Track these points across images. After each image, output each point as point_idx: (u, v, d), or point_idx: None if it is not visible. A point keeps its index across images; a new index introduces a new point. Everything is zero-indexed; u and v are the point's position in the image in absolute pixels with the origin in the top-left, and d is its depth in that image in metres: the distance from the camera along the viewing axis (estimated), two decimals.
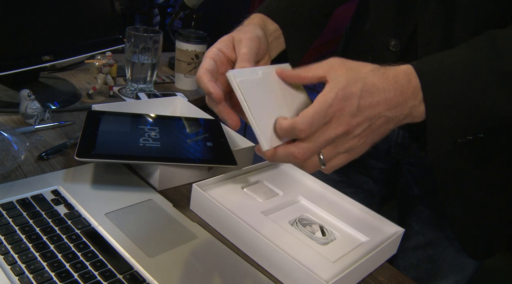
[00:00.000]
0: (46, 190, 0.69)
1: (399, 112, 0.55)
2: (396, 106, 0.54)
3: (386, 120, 0.55)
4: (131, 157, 0.74)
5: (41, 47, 0.99)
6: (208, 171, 0.82)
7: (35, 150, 0.81)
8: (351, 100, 0.51)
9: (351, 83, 0.52)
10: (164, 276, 0.57)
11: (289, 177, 0.85)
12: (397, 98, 0.54)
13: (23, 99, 0.89)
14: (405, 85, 0.54)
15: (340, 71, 0.53)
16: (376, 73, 0.54)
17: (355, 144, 0.54)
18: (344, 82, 0.52)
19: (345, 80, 0.52)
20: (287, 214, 0.73)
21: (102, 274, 0.55)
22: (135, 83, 1.19)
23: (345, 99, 0.51)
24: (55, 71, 1.24)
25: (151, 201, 0.72)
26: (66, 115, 0.99)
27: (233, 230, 0.68)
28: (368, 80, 0.53)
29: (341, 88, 0.51)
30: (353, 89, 0.52)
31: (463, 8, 0.67)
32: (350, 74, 0.53)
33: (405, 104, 0.55)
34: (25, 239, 0.59)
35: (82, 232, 0.62)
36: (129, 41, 1.14)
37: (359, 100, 0.52)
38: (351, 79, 0.52)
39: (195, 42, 1.27)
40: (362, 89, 0.52)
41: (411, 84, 0.55)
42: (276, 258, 0.62)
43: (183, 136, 0.85)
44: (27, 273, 0.53)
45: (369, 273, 0.68)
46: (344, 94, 0.51)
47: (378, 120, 0.54)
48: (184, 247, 0.63)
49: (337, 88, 0.51)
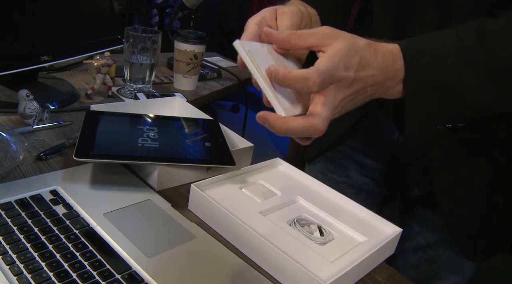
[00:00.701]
0: (45, 190, 0.69)
1: (376, 90, 0.56)
2: (377, 84, 0.56)
3: (365, 95, 0.56)
4: (130, 157, 0.75)
5: (40, 47, 0.99)
6: (207, 171, 0.82)
7: (34, 150, 0.81)
8: (350, 71, 0.52)
9: (351, 55, 0.52)
10: (162, 276, 0.57)
11: (287, 177, 0.85)
12: (380, 77, 0.55)
13: (21, 99, 0.89)
14: (389, 66, 0.56)
15: (338, 40, 0.52)
16: (369, 48, 0.55)
17: (337, 112, 0.55)
18: (345, 52, 0.52)
19: (346, 50, 0.52)
20: (286, 214, 0.74)
21: (101, 274, 0.55)
22: (133, 84, 1.19)
23: (346, 69, 0.52)
24: (54, 71, 1.24)
25: (150, 201, 0.72)
26: (64, 115, 0.99)
27: (232, 230, 0.68)
28: (364, 54, 0.53)
29: (343, 58, 0.51)
30: (352, 61, 0.52)
31: (459, 10, 0.67)
32: (349, 45, 0.52)
33: (384, 84, 0.56)
34: (23, 239, 0.59)
35: (80, 232, 0.62)
36: (127, 41, 1.14)
37: (355, 72, 0.53)
38: (351, 50, 0.52)
39: (194, 42, 1.27)
40: (359, 63, 0.53)
41: (395, 65, 0.56)
42: (274, 258, 0.62)
43: (181, 136, 0.85)
44: (26, 273, 0.53)
45: (367, 273, 0.68)
46: (345, 64, 0.52)
47: (361, 94, 0.55)
48: (182, 247, 0.63)
49: (340, 56, 0.51)
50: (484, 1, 0.67)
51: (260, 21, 0.61)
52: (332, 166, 1.01)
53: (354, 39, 0.54)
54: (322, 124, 0.52)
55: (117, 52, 1.22)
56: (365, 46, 0.54)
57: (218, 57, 1.73)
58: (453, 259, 0.88)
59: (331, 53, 0.51)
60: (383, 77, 0.56)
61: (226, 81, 1.49)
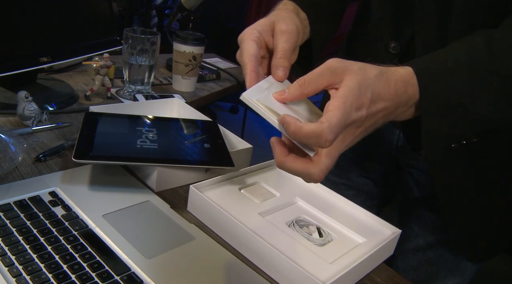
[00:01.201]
0: (44, 191, 0.69)
1: (387, 118, 0.55)
2: (388, 114, 0.55)
3: (376, 126, 0.55)
4: (129, 158, 0.75)
5: (39, 49, 0.99)
6: (206, 172, 0.82)
7: (33, 152, 0.81)
8: (362, 110, 0.51)
9: (362, 92, 0.51)
10: (161, 277, 0.57)
11: (286, 179, 0.85)
12: (392, 107, 0.54)
13: (20, 101, 0.89)
14: (402, 94, 0.54)
15: (348, 76, 0.51)
16: (381, 79, 0.53)
17: (343, 149, 0.54)
18: (357, 91, 0.50)
19: (357, 89, 0.50)
20: (284, 216, 0.74)
21: (100, 275, 0.55)
22: (132, 85, 1.19)
23: (358, 109, 0.51)
24: (53, 72, 1.24)
25: (149, 202, 0.72)
26: (63, 117, 0.99)
27: (231, 231, 0.68)
28: (375, 88, 0.52)
29: (355, 99, 0.50)
30: (364, 99, 0.51)
31: (459, 10, 0.67)
32: (360, 81, 0.51)
33: (396, 111, 0.55)
34: (22, 240, 0.59)
35: (79, 233, 0.62)
36: (126, 43, 1.14)
37: (367, 110, 0.51)
38: (362, 86, 0.51)
39: (193, 43, 1.27)
40: (371, 99, 0.51)
41: (407, 92, 0.55)
42: (273, 259, 0.62)
43: (180, 138, 0.86)
44: (25, 275, 0.53)
45: (366, 274, 0.68)
46: (357, 105, 0.50)
47: (371, 126, 0.54)
48: (181, 248, 0.63)
49: (352, 99, 0.50)
50: (484, 1, 0.67)
51: (258, 38, 0.60)
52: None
53: (364, 71, 0.52)
54: (318, 175, 0.51)
55: (116, 53, 1.22)
56: (376, 77, 0.52)
57: (217, 58, 1.73)
58: (453, 260, 0.88)
59: (342, 96, 0.49)
60: (395, 106, 0.54)
61: (225, 82, 1.49)
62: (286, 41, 0.60)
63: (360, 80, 0.51)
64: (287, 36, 0.61)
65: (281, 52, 0.59)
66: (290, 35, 0.61)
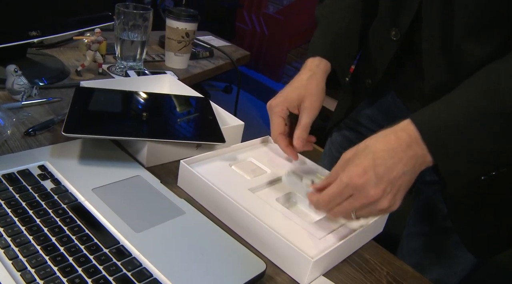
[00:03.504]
0: (33, 165, 0.69)
1: (413, 163, 0.59)
2: (409, 159, 0.58)
3: (406, 175, 0.59)
4: (119, 133, 0.74)
5: (28, 23, 0.97)
6: (197, 148, 0.82)
7: (22, 126, 0.81)
8: (368, 173, 0.57)
9: (361, 157, 0.58)
10: (150, 250, 0.57)
11: (277, 155, 0.85)
12: (405, 151, 0.58)
13: (9, 75, 0.88)
14: (407, 139, 0.59)
15: (348, 151, 0.61)
16: (378, 139, 0.59)
17: (388, 204, 0.59)
18: (354, 155, 0.59)
19: (355, 153, 0.59)
20: (275, 192, 0.74)
21: (88, 248, 0.55)
22: (124, 61, 1.18)
23: (361, 176, 0.57)
24: (44, 47, 1.23)
25: (139, 177, 0.72)
26: (54, 92, 0.98)
27: (221, 206, 0.68)
28: (376, 148, 0.58)
29: (354, 166, 0.58)
30: (365, 162, 0.57)
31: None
32: (358, 147, 0.60)
33: (416, 155, 0.59)
34: (11, 213, 0.58)
35: (68, 206, 0.62)
36: (118, 18, 1.13)
37: (374, 170, 0.57)
38: (360, 151, 0.58)
39: (186, 20, 1.25)
40: (374, 159, 0.57)
41: (412, 136, 0.59)
42: (263, 235, 0.63)
43: (172, 114, 0.85)
44: (13, 246, 0.53)
45: (355, 250, 0.69)
46: (358, 171, 0.57)
47: (400, 179, 0.58)
48: (171, 222, 0.63)
49: (349, 167, 0.58)
50: None
51: (286, 115, 0.79)
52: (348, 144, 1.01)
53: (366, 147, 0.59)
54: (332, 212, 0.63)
55: (108, 30, 1.20)
56: (374, 139, 0.60)
57: (210, 36, 1.72)
58: (455, 248, 0.88)
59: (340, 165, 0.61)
60: (409, 150, 0.59)
61: (218, 60, 1.48)
62: (308, 117, 0.77)
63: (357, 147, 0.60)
64: (310, 114, 0.77)
65: (303, 126, 0.76)
66: (313, 111, 0.77)
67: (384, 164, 0.57)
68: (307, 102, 0.77)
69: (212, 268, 0.57)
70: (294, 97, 0.78)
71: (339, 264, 0.65)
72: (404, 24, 0.76)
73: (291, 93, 0.78)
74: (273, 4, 4.07)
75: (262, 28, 4.21)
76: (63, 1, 1.06)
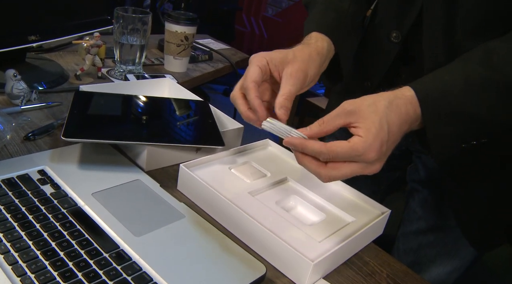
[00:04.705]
0: (32, 170, 0.69)
1: (402, 136, 0.61)
2: (407, 130, 0.61)
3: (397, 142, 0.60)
4: (119, 137, 0.74)
5: (27, 27, 0.97)
6: (196, 152, 0.82)
7: (22, 131, 0.81)
8: (382, 147, 0.56)
9: (379, 130, 0.56)
10: (150, 254, 0.57)
11: (277, 158, 0.85)
12: (406, 129, 0.60)
13: (8, 79, 0.88)
14: (413, 116, 0.60)
15: (365, 116, 0.56)
16: (391, 109, 0.58)
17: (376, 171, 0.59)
18: (375, 130, 0.55)
19: (375, 128, 0.56)
20: (274, 195, 0.74)
21: (88, 252, 0.55)
22: (124, 65, 1.18)
23: (377, 151, 0.56)
24: (43, 52, 1.23)
25: (138, 181, 0.72)
26: (53, 96, 0.98)
27: (220, 210, 0.68)
28: (390, 119, 0.57)
29: (376, 138, 0.55)
30: (383, 136, 0.56)
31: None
32: (375, 118, 0.56)
33: (410, 128, 0.61)
34: (10, 218, 0.58)
35: (68, 211, 0.62)
36: (117, 22, 1.13)
37: (386, 144, 0.57)
38: (378, 125, 0.56)
39: (185, 23, 1.26)
40: (388, 132, 0.57)
41: (416, 113, 0.60)
42: (263, 238, 0.63)
43: (171, 118, 0.85)
44: (13, 252, 0.53)
45: (355, 253, 0.69)
46: (376, 146, 0.55)
47: (392, 146, 0.59)
48: (171, 226, 0.63)
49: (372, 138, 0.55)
50: None
51: (264, 66, 0.65)
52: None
53: (375, 108, 0.57)
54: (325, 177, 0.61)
55: (107, 34, 1.20)
56: (387, 108, 0.58)
57: (209, 39, 1.72)
58: (453, 245, 0.87)
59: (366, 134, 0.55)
60: (408, 127, 0.60)
61: (217, 64, 1.48)
62: (293, 85, 0.64)
63: (374, 118, 0.56)
64: (294, 81, 0.64)
65: (287, 94, 0.63)
66: (297, 81, 0.65)
67: (395, 142, 0.58)
68: (292, 68, 0.65)
69: (213, 272, 0.57)
70: (278, 56, 0.66)
71: (339, 267, 0.65)
72: (405, 26, 0.76)
73: (276, 53, 0.67)
74: (272, 7, 4.09)
75: (261, 30, 4.22)
76: (62, 5, 1.06)
